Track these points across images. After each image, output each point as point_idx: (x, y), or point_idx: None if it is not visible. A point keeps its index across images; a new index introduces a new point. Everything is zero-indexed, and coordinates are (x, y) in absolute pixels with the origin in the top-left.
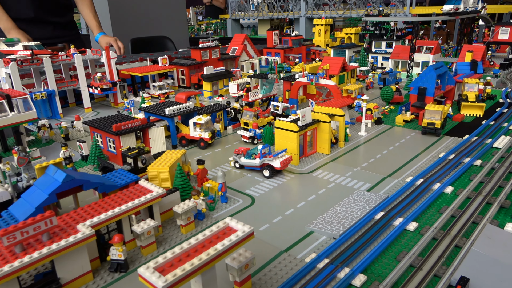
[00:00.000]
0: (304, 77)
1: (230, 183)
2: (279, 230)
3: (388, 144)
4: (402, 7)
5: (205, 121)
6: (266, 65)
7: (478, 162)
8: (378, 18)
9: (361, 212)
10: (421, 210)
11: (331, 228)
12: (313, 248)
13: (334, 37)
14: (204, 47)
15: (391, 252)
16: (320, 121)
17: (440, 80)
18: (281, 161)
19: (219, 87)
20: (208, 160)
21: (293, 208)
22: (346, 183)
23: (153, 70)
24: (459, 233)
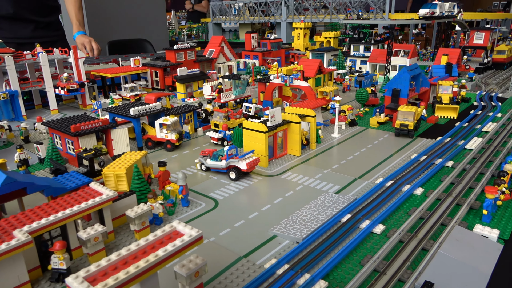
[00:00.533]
0: (278, 78)
1: (194, 186)
2: (240, 234)
3: (361, 146)
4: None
5: (171, 122)
6: (244, 68)
7: (450, 163)
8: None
9: (327, 215)
10: (389, 212)
11: (295, 232)
12: (274, 253)
13: (313, 41)
14: (179, 49)
15: (356, 256)
16: (290, 122)
17: (414, 82)
18: (248, 163)
19: (194, 89)
20: (174, 162)
21: (258, 211)
22: (315, 185)
23: (124, 71)
24: (427, 236)
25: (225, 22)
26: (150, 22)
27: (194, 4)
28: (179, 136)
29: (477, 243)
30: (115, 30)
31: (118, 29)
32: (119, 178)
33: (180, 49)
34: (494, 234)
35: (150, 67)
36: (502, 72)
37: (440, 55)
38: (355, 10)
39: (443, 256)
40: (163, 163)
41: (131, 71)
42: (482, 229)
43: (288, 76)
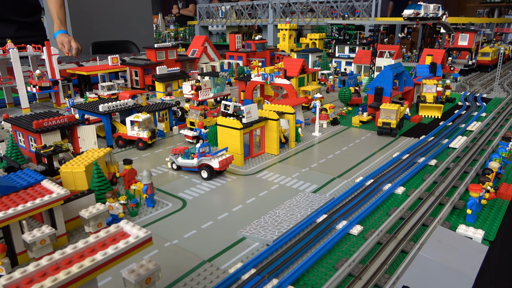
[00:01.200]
0: (259, 76)
1: (163, 185)
2: (206, 237)
3: (342, 144)
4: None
5: (143, 119)
6: (228, 69)
7: (433, 162)
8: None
9: (301, 215)
10: (367, 212)
11: (265, 233)
12: (241, 256)
13: (299, 43)
14: (160, 47)
15: (330, 259)
16: (267, 119)
17: (398, 81)
18: (220, 161)
19: (174, 88)
20: (145, 161)
21: (228, 212)
22: (291, 185)
23: (101, 69)
24: (406, 237)
25: (212, 25)
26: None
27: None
28: (151, 134)
29: (461, 244)
30: (99, 31)
31: (102, 30)
32: (77, 176)
33: (161, 48)
34: (478, 235)
35: (130, 66)
36: (486, 74)
37: (424, 56)
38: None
39: (423, 259)
40: (129, 160)
41: (108, 69)
42: (466, 229)
43: (268, 74)
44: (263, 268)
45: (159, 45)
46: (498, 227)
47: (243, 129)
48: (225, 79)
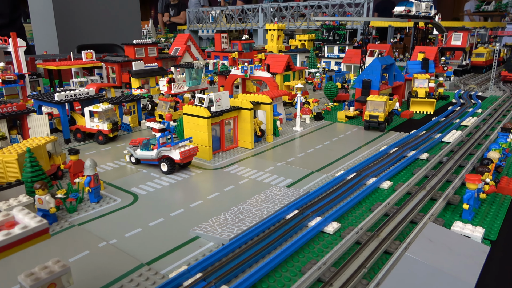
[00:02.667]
0: (238, 69)
1: (116, 180)
2: (152, 236)
3: (325, 139)
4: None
5: (103, 109)
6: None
7: (425, 156)
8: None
9: (268, 211)
10: (346, 208)
11: (222, 231)
12: (189, 258)
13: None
14: (139, 44)
15: (297, 261)
16: (240, 109)
17: (387, 75)
18: (182, 152)
19: (151, 85)
20: (103, 156)
21: (184, 208)
22: (263, 179)
23: (73, 65)
24: (391, 235)
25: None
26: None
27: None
28: (112, 126)
29: (457, 244)
30: (86, 33)
31: (88, 33)
32: (8, 165)
33: (140, 45)
34: (478, 233)
35: (106, 63)
36: (481, 75)
37: (416, 53)
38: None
39: (410, 261)
40: (75, 151)
41: (81, 64)
42: (462, 227)
43: (248, 67)
44: (212, 272)
45: (138, 41)
46: (501, 224)
47: (212, 118)
48: (201, 71)
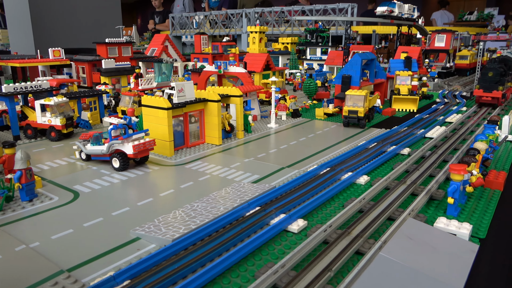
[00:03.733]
0: (212, 65)
1: (59, 177)
2: (84, 238)
3: (301, 135)
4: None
5: (56, 102)
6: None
7: (406, 151)
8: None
9: (225, 208)
10: (315, 204)
11: (167, 231)
12: (123, 263)
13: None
14: (111, 42)
15: (251, 265)
16: (206, 101)
17: (369, 71)
18: (135, 145)
19: (122, 85)
20: (53, 153)
21: (131, 206)
22: (226, 175)
23: (38, 62)
24: (364, 233)
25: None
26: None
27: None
28: (67, 121)
29: (441, 242)
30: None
31: (67, 37)
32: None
33: (113, 43)
34: (464, 229)
35: (76, 62)
36: (465, 77)
37: (399, 52)
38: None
39: (384, 261)
40: (10, 143)
41: (47, 62)
42: (447, 223)
43: (222, 62)
44: (144, 279)
45: (111, 40)
46: (490, 221)
47: (172, 109)
48: (171, 66)
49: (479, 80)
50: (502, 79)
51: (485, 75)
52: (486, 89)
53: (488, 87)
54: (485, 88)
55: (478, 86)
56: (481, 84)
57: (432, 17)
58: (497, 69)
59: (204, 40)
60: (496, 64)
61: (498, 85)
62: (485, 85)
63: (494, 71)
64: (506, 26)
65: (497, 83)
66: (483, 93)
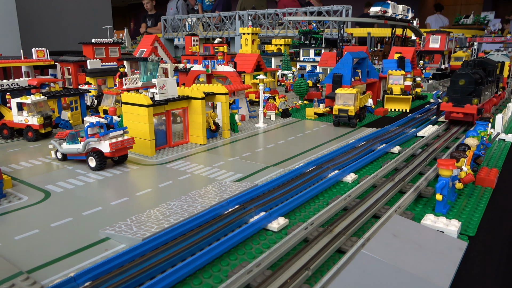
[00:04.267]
0: (199, 64)
1: (32, 177)
2: (50, 238)
3: (289, 135)
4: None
5: (33, 101)
6: None
7: (396, 149)
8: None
9: (202, 207)
10: (298, 202)
11: (138, 231)
12: (88, 264)
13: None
14: (98, 43)
15: (225, 265)
16: (190, 98)
17: (361, 71)
18: (112, 143)
19: (109, 86)
20: (29, 153)
21: (103, 206)
22: (208, 174)
23: (20, 63)
24: (346, 230)
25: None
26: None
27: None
28: (44, 120)
29: (428, 240)
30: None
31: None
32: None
33: (100, 44)
34: (453, 227)
35: (61, 63)
36: None
37: (393, 52)
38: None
39: (366, 259)
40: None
41: (30, 63)
42: (434, 220)
43: (210, 61)
44: (107, 280)
45: (97, 41)
46: (480, 218)
47: (154, 106)
48: (157, 65)
49: (448, 90)
50: (478, 88)
51: (455, 83)
52: (457, 102)
53: (459, 99)
54: (455, 101)
55: (447, 99)
56: (451, 96)
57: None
58: (471, 75)
59: (195, 41)
60: (469, 69)
61: (472, 97)
62: (455, 97)
63: (467, 78)
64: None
65: (471, 95)
66: (453, 108)
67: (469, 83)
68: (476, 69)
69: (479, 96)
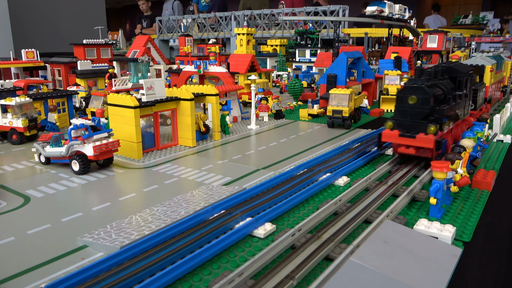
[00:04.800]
0: (191, 65)
1: (14, 181)
2: (25, 246)
3: (282, 136)
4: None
5: (18, 103)
6: None
7: (391, 151)
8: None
9: (186, 212)
10: (287, 207)
11: (117, 238)
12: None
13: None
14: (90, 44)
15: (207, 274)
16: (179, 99)
17: (356, 71)
18: (96, 146)
19: (99, 87)
20: (13, 157)
21: (84, 212)
22: (195, 178)
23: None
24: (335, 237)
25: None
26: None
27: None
28: (29, 123)
29: (420, 246)
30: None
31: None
32: None
33: (91, 45)
34: (447, 232)
35: (52, 64)
36: None
37: (389, 52)
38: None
39: (354, 267)
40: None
41: (19, 64)
42: (428, 225)
43: (201, 62)
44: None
45: (89, 41)
46: (476, 223)
47: (141, 108)
48: (147, 66)
49: (395, 113)
50: (439, 109)
51: (403, 102)
52: (406, 130)
53: (409, 126)
54: (403, 129)
55: (391, 124)
56: (397, 121)
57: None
58: (425, 90)
59: (189, 42)
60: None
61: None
62: (403, 122)
63: (420, 94)
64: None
65: (427, 119)
66: (400, 139)
67: (423, 101)
68: (438, 80)
69: (440, 120)
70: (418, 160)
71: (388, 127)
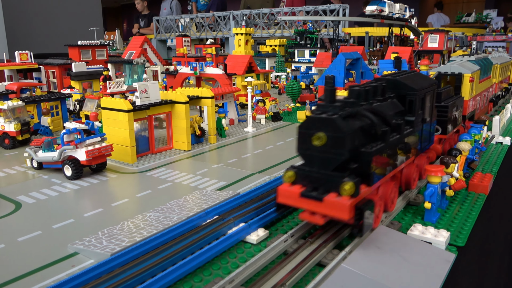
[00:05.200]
0: (187, 66)
1: (5, 187)
2: (15, 254)
3: (279, 139)
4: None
5: (10, 107)
6: None
7: None
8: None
9: (179, 218)
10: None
11: (108, 244)
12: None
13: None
14: (84, 45)
15: (198, 281)
16: (173, 102)
17: (355, 72)
18: (89, 151)
19: (95, 89)
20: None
21: (75, 218)
22: (190, 182)
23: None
24: (326, 243)
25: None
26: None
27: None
28: (22, 127)
29: (413, 252)
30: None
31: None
32: None
33: (86, 46)
34: (441, 237)
35: (46, 66)
36: None
37: (389, 53)
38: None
39: (346, 274)
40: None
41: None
42: (422, 230)
43: (198, 63)
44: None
45: (84, 43)
46: (471, 228)
47: (134, 111)
48: (143, 68)
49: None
50: (365, 152)
51: (306, 141)
52: (311, 185)
53: (315, 180)
54: (308, 182)
55: (291, 175)
56: (301, 171)
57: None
58: (337, 125)
59: (187, 42)
60: (336, 109)
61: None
62: (309, 173)
63: (330, 130)
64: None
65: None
66: (300, 201)
67: (335, 142)
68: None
69: (367, 170)
70: None
71: (287, 179)
